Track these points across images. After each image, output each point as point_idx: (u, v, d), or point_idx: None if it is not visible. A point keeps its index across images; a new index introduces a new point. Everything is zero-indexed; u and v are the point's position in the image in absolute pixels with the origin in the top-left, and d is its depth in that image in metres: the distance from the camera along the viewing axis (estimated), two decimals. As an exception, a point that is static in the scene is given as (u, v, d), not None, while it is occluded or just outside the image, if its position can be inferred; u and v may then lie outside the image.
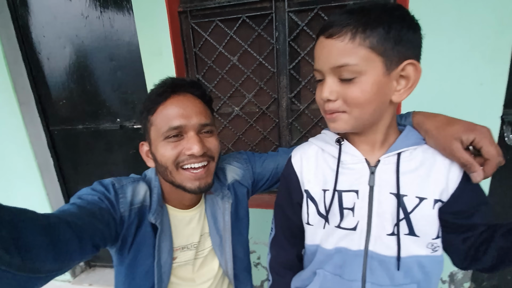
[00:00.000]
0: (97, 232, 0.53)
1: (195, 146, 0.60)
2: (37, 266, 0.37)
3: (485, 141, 0.48)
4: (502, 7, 1.00)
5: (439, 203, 0.52)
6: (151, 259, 0.65)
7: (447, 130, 0.51)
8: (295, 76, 1.34)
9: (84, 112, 1.64)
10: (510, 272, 1.41)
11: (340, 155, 0.56)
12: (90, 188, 0.61)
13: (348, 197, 0.55)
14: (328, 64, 0.47)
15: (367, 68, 0.45)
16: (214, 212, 0.74)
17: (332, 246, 0.58)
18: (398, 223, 0.52)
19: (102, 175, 1.72)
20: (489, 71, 1.06)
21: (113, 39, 1.46)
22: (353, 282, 0.56)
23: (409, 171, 0.52)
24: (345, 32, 0.45)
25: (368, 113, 0.49)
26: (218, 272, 0.77)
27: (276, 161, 0.84)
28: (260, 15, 1.29)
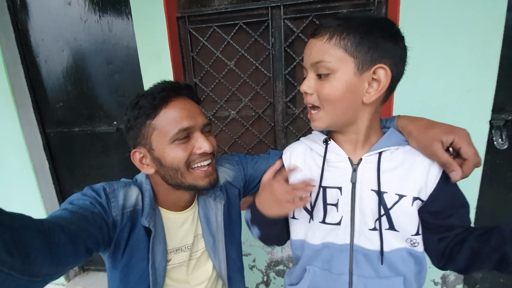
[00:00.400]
0: (90, 236, 0.53)
1: (206, 144, 0.62)
2: (35, 270, 0.38)
3: (464, 142, 0.51)
4: (489, 16, 1.04)
5: (417, 201, 0.54)
6: (145, 262, 0.65)
7: (429, 132, 0.54)
8: (291, 81, 1.37)
9: (81, 114, 1.65)
10: (503, 275, 1.43)
11: (326, 154, 0.60)
12: (81, 193, 0.61)
13: (331, 193, 0.58)
14: (309, 60, 0.53)
15: (340, 67, 0.50)
16: (207, 213, 0.75)
17: (319, 242, 0.60)
18: (380, 219, 0.55)
19: (98, 178, 1.73)
20: (477, 78, 1.10)
21: (111, 43, 1.48)
22: (340, 276, 0.58)
23: (389, 169, 0.56)
24: (325, 32, 0.50)
25: (340, 110, 0.53)
26: (212, 274, 0.78)
27: (268, 163, 0.85)
28: (256, 22, 1.32)
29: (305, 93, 0.55)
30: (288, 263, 1.56)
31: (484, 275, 1.43)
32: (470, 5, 1.04)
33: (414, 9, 1.08)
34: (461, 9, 1.05)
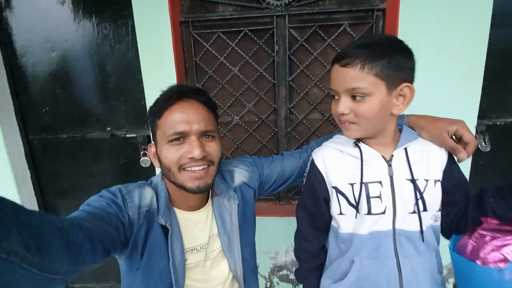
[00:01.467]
0: (107, 235, 0.54)
1: (196, 150, 0.63)
2: (55, 267, 0.38)
3: (465, 130, 0.65)
4: (476, 32, 1.16)
5: (438, 182, 0.66)
6: (164, 260, 0.66)
7: (437, 125, 0.68)
8: (294, 87, 1.41)
9: (71, 120, 1.54)
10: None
11: (362, 154, 0.67)
12: (98, 195, 0.63)
13: (374, 187, 0.66)
14: (343, 87, 0.60)
15: (374, 90, 0.58)
16: (221, 213, 0.76)
17: (366, 231, 0.67)
18: (418, 202, 0.64)
19: (87, 188, 1.63)
20: (466, 87, 1.22)
21: (107, 45, 1.42)
22: (389, 260, 0.66)
23: (415, 160, 0.66)
24: (356, 63, 0.57)
25: (374, 124, 0.62)
26: (228, 276, 0.78)
27: (283, 163, 0.87)
28: (261, 29, 1.35)
29: (341, 114, 0.63)
30: (292, 267, 1.57)
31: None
32: (459, 22, 1.16)
33: (411, 24, 1.18)
34: (452, 25, 1.16)
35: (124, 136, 1.55)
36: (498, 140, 1.37)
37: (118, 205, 0.62)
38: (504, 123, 1.37)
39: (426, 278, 0.67)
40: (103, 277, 1.78)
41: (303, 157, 0.88)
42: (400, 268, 0.66)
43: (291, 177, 0.88)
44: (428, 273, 0.67)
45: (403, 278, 0.66)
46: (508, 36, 1.26)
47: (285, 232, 1.52)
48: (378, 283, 0.67)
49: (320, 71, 1.39)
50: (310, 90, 1.42)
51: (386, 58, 0.56)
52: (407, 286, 0.66)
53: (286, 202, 1.56)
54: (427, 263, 0.67)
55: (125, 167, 1.61)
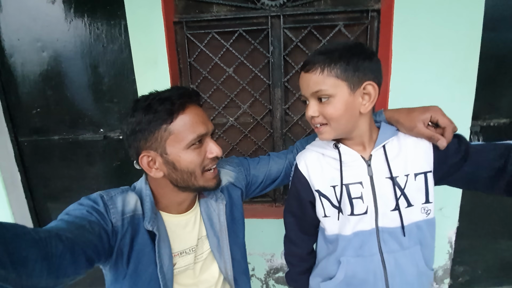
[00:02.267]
0: (89, 244, 0.52)
1: (217, 149, 0.65)
2: (34, 282, 0.37)
3: (439, 115, 0.63)
4: (469, 34, 1.17)
5: (421, 175, 0.65)
6: (152, 266, 0.64)
7: (410, 116, 0.66)
8: (290, 88, 1.40)
9: (62, 121, 1.51)
10: (481, 268, 1.58)
11: (341, 156, 0.68)
12: (77, 203, 0.60)
13: (355, 188, 0.67)
14: (308, 91, 0.63)
15: (336, 91, 0.60)
16: (209, 215, 0.75)
17: (350, 232, 0.68)
18: (399, 199, 0.65)
19: (79, 191, 1.60)
20: (459, 89, 1.23)
21: (99, 46, 1.39)
22: (373, 256, 0.68)
23: (393, 157, 0.66)
24: (317, 67, 0.60)
25: (343, 123, 0.63)
26: (219, 278, 0.77)
27: (269, 164, 0.87)
28: (256, 30, 1.34)
29: (311, 117, 0.64)
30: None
31: (465, 269, 1.56)
32: (453, 25, 1.17)
33: (406, 25, 1.18)
34: (446, 28, 1.17)
35: (117, 137, 1.52)
36: (491, 140, 1.37)
37: (99, 213, 0.59)
38: (497, 124, 1.38)
39: (410, 270, 0.68)
40: (97, 283, 1.75)
41: (288, 158, 0.88)
42: (385, 263, 0.68)
43: (278, 178, 0.88)
44: (412, 266, 0.68)
45: (387, 272, 0.68)
46: (499, 39, 1.27)
47: (281, 234, 1.49)
48: (365, 279, 0.69)
49: (315, 72, 1.38)
50: (305, 91, 1.42)
51: (344, 61, 0.59)
52: (392, 279, 0.68)
53: (281, 204, 1.55)
54: (412, 256, 0.68)
55: (118, 169, 1.58)
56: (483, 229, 1.50)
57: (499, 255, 1.57)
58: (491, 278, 1.61)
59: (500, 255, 1.58)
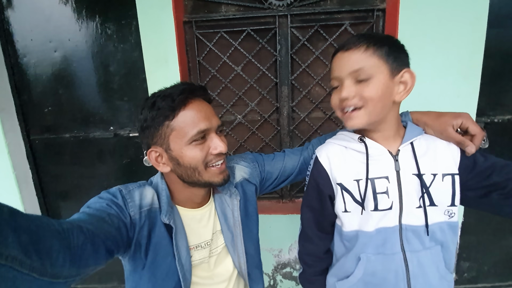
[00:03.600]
0: (109, 236, 0.54)
1: (222, 145, 0.65)
2: (57, 271, 0.38)
3: (470, 123, 0.65)
4: (474, 31, 1.19)
5: (448, 176, 0.65)
6: (170, 258, 0.66)
7: (441, 120, 0.67)
8: (296, 86, 1.43)
9: (73, 119, 1.54)
10: (487, 264, 1.59)
11: (367, 149, 0.67)
12: (98, 197, 0.63)
13: (380, 183, 0.66)
14: (346, 70, 0.61)
15: (377, 72, 0.59)
16: (223, 210, 0.77)
17: (373, 228, 0.67)
18: (423, 196, 0.64)
19: (89, 188, 1.62)
20: (465, 85, 1.25)
21: (110, 45, 1.43)
22: (395, 255, 0.66)
23: (421, 155, 0.66)
24: (361, 45, 0.60)
25: (379, 108, 0.61)
26: (233, 273, 0.78)
27: (284, 160, 0.88)
28: (264, 29, 1.37)
29: (343, 100, 0.62)
30: (295, 264, 1.58)
31: (471, 265, 1.58)
32: (458, 22, 1.19)
33: (411, 24, 1.21)
34: (451, 25, 1.19)
35: (127, 135, 1.55)
36: (496, 137, 1.40)
37: (118, 206, 0.61)
38: (501, 120, 1.40)
39: (432, 272, 0.67)
40: (105, 278, 1.77)
41: (303, 154, 0.89)
42: (407, 262, 0.66)
43: (292, 174, 0.89)
44: (434, 267, 0.67)
45: (410, 272, 0.66)
46: (504, 36, 1.29)
47: (288, 229, 1.54)
48: (385, 278, 0.67)
49: (322, 70, 1.41)
50: (312, 89, 1.44)
51: (388, 45, 0.59)
52: (414, 279, 0.66)
53: (289, 200, 1.58)
54: (433, 257, 0.67)
55: (128, 167, 1.61)
56: (488, 224, 1.52)
57: (504, 251, 1.59)
58: (497, 273, 1.63)
59: (506, 250, 1.59)
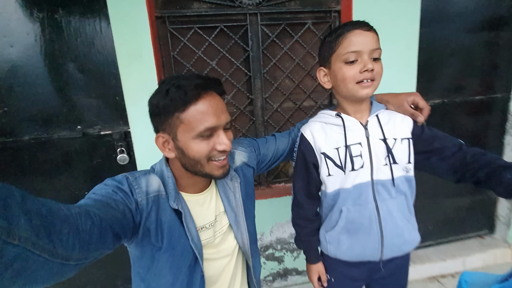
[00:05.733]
0: (115, 221, 0.55)
1: (228, 143, 0.67)
2: (67, 253, 0.39)
3: (419, 99, 0.84)
4: (409, 31, 1.46)
5: (405, 140, 0.82)
6: (183, 239, 0.71)
7: (398, 98, 0.87)
8: (268, 79, 1.55)
9: (33, 120, 1.42)
10: (430, 224, 1.91)
11: (344, 122, 0.82)
12: (103, 183, 0.64)
13: (355, 148, 0.82)
14: (369, 46, 0.73)
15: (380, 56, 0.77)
16: (226, 193, 0.83)
17: (351, 185, 0.82)
18: (388, 156, 0.81)
19: (56, 194, 1.52)
20: (405, 75, 1.52)
21: (76, 39, 1.36)
22: (369, 204, 0.82)
23: (384, 124, 0.83)
24: (374, 31, 0.75)
25: (378, 84, 0.77)
26: (236, 248, 0.85)
27: (276, 143, 0.99)
28: (236, 26, 1.45)
29: (367, 71, 0.73)
30: (277, 245, 1.69)
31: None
32: (397, 23, 1.45)
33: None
34: (393, 25, 1.45)
35: (97, 134, 1.48)
36: (429, 117, 1.71)
37: (124, 192, 0.63)
38: (433, 103, 1.72)
39: (399, 216, 0.84)
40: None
41: (291, 135, 1.01)
42: (378, 209, 0.82)
43: (283, 155, 1.00)
44: (400, 212, 0.84)
45: (381, 217, 0.83)
46: (432, 34, 1.60)
47: (268, 213, 1.64)
48: (362, 224, 0.84)
49: (290, 64, 1.56)
50: (282, 82, 1.58)
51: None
52: (385, 222, 0.83)
53: (266, 186, 1.69)
54: (399, 204, 0.83)
55: (99, 167, 1.53)
56: (428, 190, 1.83)
57: (442, 212, 1.93)
58: (438, 232, 1.97)
59: (443, 211, 1.94)
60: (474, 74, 1.77)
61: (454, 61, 1.71)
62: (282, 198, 1.61)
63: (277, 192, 1.63)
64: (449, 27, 1.64)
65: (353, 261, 0.89)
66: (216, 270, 0.80)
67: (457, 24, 1.65)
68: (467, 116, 1.81)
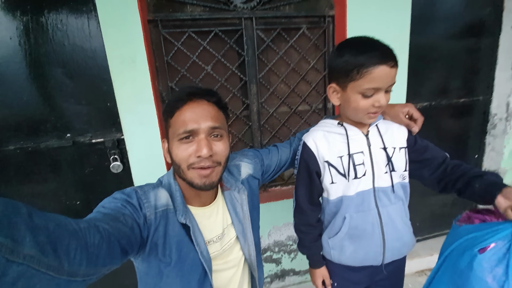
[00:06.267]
0: (124, 236, 0.55)
1: (204, 149, 0.65)
2: (74, 270, 0.39)
3: (414, 110, 0.89)
4: (400, 36, 1.50)
5: (402, 149, 0.87)
6: (192, 253, 0.71)
7: (394, 109, 0.91)
8: (264, 84, 1.55)
9: (18, 129, 1.34)
10: (418, 221, 2.00)
11: (347, 131, 0.85)
12: (111, 197, 0.64)
13: (358, 157, 0.85)
14: (387, 84, 0.75)
15: None
16: (233, 205, 0.83)
17: (354, 193, 0.86)
18: (389, 164, 0.86)
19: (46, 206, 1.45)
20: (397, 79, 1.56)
21: (63, 44, 1.29)
22: (371, 210, 0.86)
23: (384, 133, 0.87)
24: (395, 65, 0.74)
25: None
26: (241, 259, 0.86)
27: (279, 153, 1.01)
28: (231, 30, 1.44)
29: (379, 106, 0.76)
30: (274, 247, 1.71)
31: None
32: (389, 28, 1.49)
33: (356, 30, 1.45)
34: (384, 31, 1.48)
35: (89, 142, 1.43)
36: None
37: (133, 206, 0.63)
38: (421, 106, 1.79)
39: (398, 220, 0.89)
40: None
41: (293, 145, 1.03)
42: (380, 215, 0.86)
43: (285, 165, 1.02)
44: (399, 217, 0.89)
45: (383, 222, 0.87)
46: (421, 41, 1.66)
47: (266, 217, 1.65)
48: (365, 229, 0.87)
49: (285, 69, 1.56)
50: (277, 86, 1.58)
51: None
52: (386, 227, 0.87)
53: (263, 190, 1.70)
54: (398, 210, 0.89)
55: (91, 177, 1.48)
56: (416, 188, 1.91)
57: (429, 209, 2.03)
58: (425, 228, 2.07)
59: (430, 209, 2.03)
60: (458, 78, 1.86)
61: (440, 66, 1.78)
62: (279, 202, 1.62)
63: (274, 196, 1.65)
64: (436, 33, 1.71)
65: (356, 265, 0.93)
66: (223, 281, 0.80)
67: (443, 30, 1.72)
68: (452, 118, 1.90)
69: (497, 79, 1.88)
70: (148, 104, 1.33)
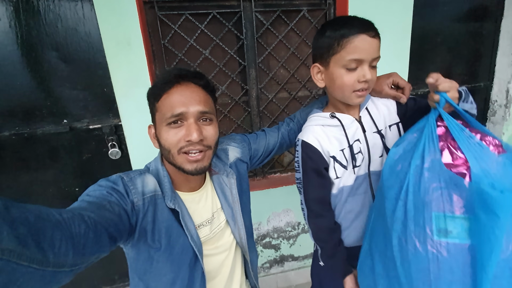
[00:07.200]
0: (111, 223, 0.54)
1: (194, 134, 0.64)
2: (60, 261, 0.38)
3: (399, 79, 0.83)
4: (402, 21, 1.47)
5: (394, 125, 0.83)
6: (182, 238, 0.71)
7: (378, 82, 0.83)
8: (263, 68, 1.52)
9: (13, 115, 1.32)
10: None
11: (341, 122, 0.81)
12: (97, 184, 0.62)
13: (356, 145, 0.82)
14: (371, 56, 0.69)
15: None
16: (222, 189, 0.83)
17: (352, 181, 0.83)
18: (384, 148, 0.82)
19: (43, 193, 1.45)
20: (398, 63, 1.54)
21: (57, 26, 1.25)
22: (366, 193, 0.85)
23: (375, 115, 0.83)
24: (378, 36, 0.70)
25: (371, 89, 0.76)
26: (233, 243, 0.85)
27: (266, 138, 0.99)
28: (229, 12, 1.39)
29: (365, 81, 0.70)
30: (274, 234, 1.73)
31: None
32: (391, 12, 1.45)
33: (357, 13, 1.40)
34: (386, 14, 1.44)
35: (86, 127, 1.41)
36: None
37: (119, 193, 0.62)
38: (423, 92, 1.77)
39: None
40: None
41: (281, 130, 1.01)
42: (374, 197, 0.84)
43: (273, 150, 1.00)
44: None
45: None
46: (424, 25, 1.62)
47: (264, 203, 1.66)
48: (360, 211, 0.86)
49: (285, 53, 1.53)
50: (277, 71, 1.55)
51: None
52: None
53: (262, 177, 1.70)
54: None
55: (89, 163, 1.47)
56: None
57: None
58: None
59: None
60: (460, 64, 1.83)
61: (442, 51, 1.75)
62: (278, 189, 1.62)
63: (273, 183, 1.65)
64: (439, 16, 1.67)
65: (353, 246, 0.91)
66: (215, 265, 0.81)
67: (446, 13, 1.68)
68: (452, 104, 1.89)
69: (498, 64, 1.85)
70: (145, 88, 1.25)
